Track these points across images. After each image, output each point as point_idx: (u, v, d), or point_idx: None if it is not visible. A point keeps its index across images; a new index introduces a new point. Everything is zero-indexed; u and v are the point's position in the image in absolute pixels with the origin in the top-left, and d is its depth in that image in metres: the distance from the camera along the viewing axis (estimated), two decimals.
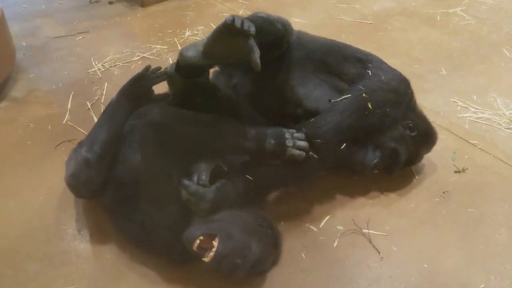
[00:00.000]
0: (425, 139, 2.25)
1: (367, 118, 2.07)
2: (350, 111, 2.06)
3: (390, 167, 2.20)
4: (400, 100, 2.16)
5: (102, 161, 1.91)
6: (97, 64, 3.18)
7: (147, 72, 2.08)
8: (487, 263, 1.94)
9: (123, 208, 1.88)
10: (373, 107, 2.06)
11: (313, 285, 1.84)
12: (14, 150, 2.45)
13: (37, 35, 3.57)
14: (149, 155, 1.87)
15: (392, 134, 2.15)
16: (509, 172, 2.38)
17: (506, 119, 2.74)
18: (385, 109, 2.09)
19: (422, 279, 1.87)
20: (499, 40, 3.60)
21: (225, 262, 1.64)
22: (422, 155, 2.29)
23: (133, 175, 1.88)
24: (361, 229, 2.06)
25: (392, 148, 2.14)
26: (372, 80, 2.15)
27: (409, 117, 2.20)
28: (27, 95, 2.89)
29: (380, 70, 2.20)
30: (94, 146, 1.92)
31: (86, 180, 1.89)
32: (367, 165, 2.12)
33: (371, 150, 2.13)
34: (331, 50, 2.29)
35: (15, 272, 1.87)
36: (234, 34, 1.79)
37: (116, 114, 2.03)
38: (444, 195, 2.25)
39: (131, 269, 1.88)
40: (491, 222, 2.12)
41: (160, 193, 1.83)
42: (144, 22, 3.79)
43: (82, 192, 1.97)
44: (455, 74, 3.17)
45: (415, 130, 2.17)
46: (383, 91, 2.12)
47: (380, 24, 3.80)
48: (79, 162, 1.91)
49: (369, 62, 2.23)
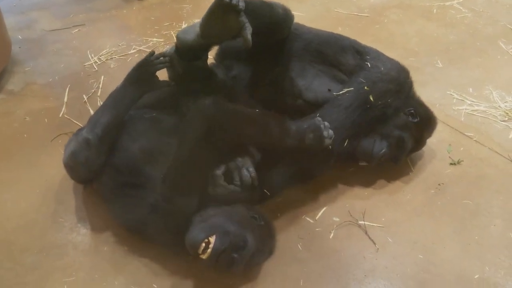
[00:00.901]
0: (427, 124, 2.26)
1: (370, 111, 2.08)
2: (354, 106, 2.08)
3: (396, 156, 2.21)
4: (400, 90, 2.18)
5: (102, 143, 1.91)
6: (93, 57, 3.18)
7: (151, 58, 2.09)
8: (482, 254, 1.96)
9: (123, 195, 1.88)
10: (374, 99, 2.08)
11: (309, 276, 1.85)
12: (11, 143, 2.45)
13: (33, 28, 3.56)
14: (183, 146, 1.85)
15: (396, 122, 2.17)
16: (504, 164, 2.39)
17: (501, 111, 2.75)
18: (386, 100, 2.11)
19: (417, 270, 1.89)
20: (495, 33, 3.60)
21: (223, 258, 1.64)
22: (425, 140, 2.30)
23: (133, 165, 1.89)
24: (357, 220, 2.07)
25: (398, 136, 2.16)
26: (372, 72, 2.16)
27: (410, 104, 2.22)
28: (23, 88, 2.89)
29: (378, 61, 2.21)
30: (96, 128, 1.93)
31: (85, 160, 1.90)
32: (375, 155, 2.13)
33: (378, 140, 2.15)
34: (328, 41, 2.30)
35: (13, 264, 1.87)
36: (225, 11, 1.81)
37: (121, 99, 2.04)
38: (439, 187, 2.26)
39: (128, 261, 1.89)
40: (486, 213, 2.13)
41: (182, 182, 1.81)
42: (140, 15, 3.77)
43: (80, 174, 1.97)
44: (451, 66, 3.17)
45: (417, 116, 2.19)
46: (383, 82, 2.13)
47: (377, 17, 3.79)
48: (80, 142, 1.92)
49: (367, 54, 2.25)
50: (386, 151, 2.14)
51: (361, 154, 2.16)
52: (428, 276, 1.87)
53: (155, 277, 1.83)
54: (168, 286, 1.81)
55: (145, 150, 1.93)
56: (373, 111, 2.09)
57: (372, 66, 2.18)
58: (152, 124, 2.04)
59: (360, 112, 2.08)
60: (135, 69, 2.10)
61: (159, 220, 1.79)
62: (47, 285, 1.81)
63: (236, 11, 1.80)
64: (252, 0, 1.99)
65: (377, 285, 1.83)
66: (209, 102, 1.84)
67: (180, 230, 1.76)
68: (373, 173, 2.28)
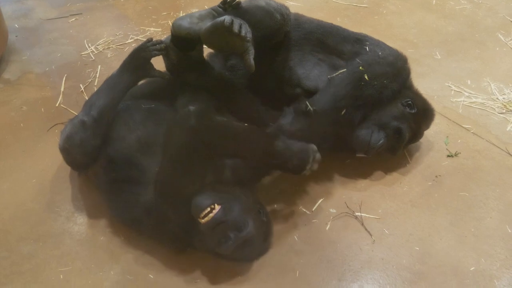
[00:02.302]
0: (424, 115, 2.25)
1: (364, 88, 2.07)
2: (346, 82, 2.08)
3: (394, 147, 2.21)
4: (397, 74, 2.17)
5: (98, 125, 1.92)
6: (90, 46, 3.16)
7: (147, 44, 2.09)
8: (478, 246, 1.96)
9: (119, 191, 1.88)
10: (369, 78, 2.07)
11: (306, 267, 1.86)
12: (7, 133, 2.44)
13: (29, 17, 3.54)
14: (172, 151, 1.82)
15: (393, 113, 2.15)
16: (502, 156, 2.39)
17: (499, 103, 2.75)
18: (382, 81, 2.10)
19: (413, 261, 1.89)
20: (494, 24, 3.59)
21: (218, 230, 1.66)
22: (423, 131, 2.29)
23: (129, 156, 1.89)
24: (354, 212, 2.07)
25: (395, 127, 2.15)
26: (369, 55, 2.17)
27: (407, 95, 2.21)
28: (20, 77, 2.88)
29: (377, 47, 2.21)
30: (91, 110, 1.94)
31: (81, 142, 1.90)
32: (372, 146, 2.11)
33: (375, 131, 2.13)
34: (330, 32, 2.29)
35: (9, 253, 1.88)
36: (232, 35, 1.85)
37: (116, 84, 2.05)
38: (436, 179, 2.26)
39: (124, 251, 1.89)
40: (483, 205, 2.13)
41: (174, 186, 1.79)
42: (137, 4, 3.75)
43: (75, 157, 1.95)
44: (450, 58, 3.17)
45: (415, 107, 2.18)
46: (380, 65, 2.13)
47: (376, 7, 3.78)
48: (75, 124, 1.92)
49: (366, 41, 2.25)
50: (384, 141, 2.13)
51: (358, 145, 2.15)
52: (424, 267, 1.87)
53: (151, 267, 1.83)
54: (164, 276, 1.81)
55: (141, 140, 1.92)
56: (368, 89, 2.08)
57: (370, 50, 2.19)
58: (150, 115, 2.03)
59: (353, 88, 2.07)
60: (131, 55, 2.11)
61: (154, 220, 1.79)
62: (43, 274, 1.81)
63: (243, 40, 1.86)
64: (255, 13, 2.02)
65: (373, 277, 1.84)
66: (192, 111, 1.82)
67: (176, 230, 1.77)
68: (370, 165, 2.28)
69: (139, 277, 1.80)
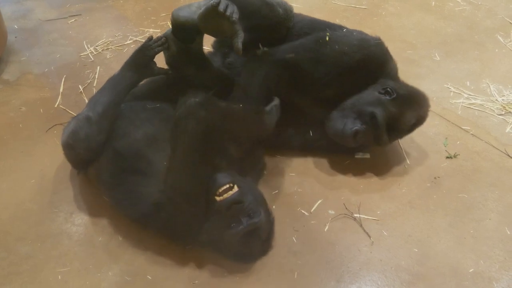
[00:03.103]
0: (409, 101, 2.16)
1: (322, 46, 2.08)
2: (306, 38, 2.14)
3: (376, 136, 2.14)
4: (364, 47, 2.13)
5: (102, 121, 1.93)
6: (89, 47, 3.16)
7: (149, 42, 2.10)
8: (477, 247, 1.96)
9: (125, 183, 1.87)
10: (330, 40, 2.09)
11: (304, 268, 1.85)
12: (6, 133, 2.43)
13: (29, 18, 3.54)
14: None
15: (368, 99, 2.12)
16: (501, 158, 2.39)
17: (498, 105, 2.75)
18: (343, 47, 2.09)
19: (412, 263, 1.89)
20: (494, 26, 3.60)
21: (232, 211, 1.70)
22: (409, 117, 2.16)
23: (136, 149, 1.90)
24: (352, 213, 2.07)
25: (369, 112, 2.10)
26: (343, 31, 2.21)
27: (386, 83, 2.16)
28: (19, 78, 2.87)
29: (356, 31, 2.23)
30: (96, 106, 1.96)
31: (85, 137, 1.90)
32: (346, 133, 2.09)
33: (350, 119, 2.10)
34: (317, 27, 2.29)
35: (7, 253, 1.87)
36: (219, 17, 1.86)
37: (119, 82, 2.07)
38: (435, 180, 2.26)
39: (123, 252, 1.89)
40: (482, 207, 2.13)
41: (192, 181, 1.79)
42: (137, 5, 3.75)
43: (79, 152, 1.94)
44: (449, 59, 3.17)
45: (394, 93, 2.11)
46: (349, 36, 2.14)
47: (375, 9, 3.78)
48: (80, 120, 1.94)
49: (341, 28, 2.28)
50: (359, 129, 2.09)
51: (332, 133, 2.15)
52: (422, 269, 1.87)
53: (150, 268, 1.83)
54: (162, 276, 1.81)
55: (148, 135, 1.94)
56: (325, 48, 2.08)
57: (347, 30, 2.24)
58: (155, 114, 2.06)
59: (313, 41, 2.11)
60: (135, 54, 2.12)
61: (164, 213, 1.78)
62: (41, 275, 1.80)
63: (232, 22, 1.87)
64: (254, 2, 2.03)
65: (371, 278, 1.83)
66: (199, 102, 1.82)
67: (186, 224, 1.77)
68: (369, 166, 2.28)
69: (137, 278, 1.80)
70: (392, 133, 2.16)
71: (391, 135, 2.16)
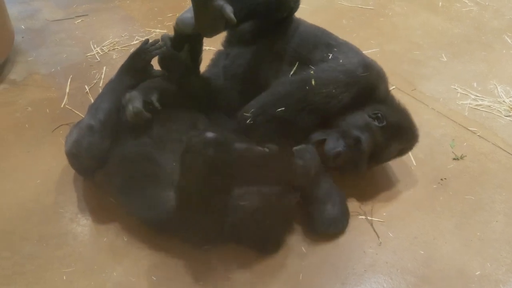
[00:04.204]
0: (397, 132, 2.07)
1: (309, 94, 1.97)
2: (289, 84, 2.03)
3: (355, 161, 2.05)
4: (353, 84, 2.00)
5: (105, 128, 1.93)
6: (96, 47, 3.17)
7: (146, 46, 2.09)
8: (483, 250, 1.95)
9: (138, 188, 1.85)
10: (316, 84, 1.97)
11: (309, 269, 1.84)
12: (12, 133, 2.44)
13: (36, 18, 3.55)
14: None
15: (356, 122, 2.02)
16: (508, 159, 2.37)
17: (506, 106, 2.73)
18: (330, 89, 1.97)
19: (418, 265, 1.88)
20: (501, 26, 3.58)
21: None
22: (393, 150, 2.10)
23: (144, 153, 1.89)
24: (358, 215, 2.06)
25: (354, 136, 2.00)
26: (329, 62, 2.08)
27: (378, 108, 2.06)
28: (26, 78, 2.88)
29: (342, 54, 2.11)
30: (97, 114, 1.95)
31: (88, 146, 1.90)
32: (327, 153, 1.97)
33: (334, 139, 2.01)
34: (306, 40, 2.21)
35: (11, 253, 1.87)
36: (203, 2, 1.83)
37: (117, 87, 2.06)
38: (442, 182, 2.24)
39: (128, 253, 1.88)
40: (489, 209, 2.12)
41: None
42: (143, 5, 3.76)
43: (83, 161, 1.94)
44: (456, 60, 3.15)
45: (384, 121, 2.02)
46: (334, 71, 2.01)
47: (381, 9, 3.77)
48: (82, 129, 1.93)
49: (334, 47, 2.15)
50: (341, 150, 1.98)
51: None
52: (428, 271, 1.86)
53: (154, 269, 1.83)
54: (167, 278, 1.80)
55: (155, 138, 1.94)
56: (313, 95, 1.97)
57: (333, 58, 2.10)
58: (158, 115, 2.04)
59: (298, 88, 1.98)
60: (130, 58, 2.11)
61: (180, 217, 1.77)
62: (46, 275, 1.80)
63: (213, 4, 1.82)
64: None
65: (377, 280, 1.82)
66: (210, 139, 1.67)
67: (203, 227, 1.76)
68: (374, 168, 2.26)
69: (142, 279, 1.80)
70: (372, 160, 2.09)
71: (370, 163, 2.09)
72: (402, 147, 2.14)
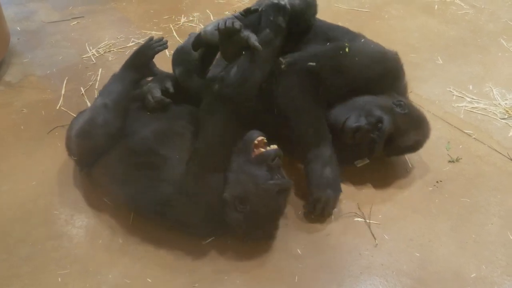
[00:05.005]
0: (416, 123, 2.15)
1: (342, 57, 2.09)
2: (326, 48, 2.16)
3: (373, 142, 2.07)
4: (382, 59, 2.17)
5: (118, 108, 1.98)
6: (91, 49, 3.16)
7: (150, 42, 2.13)
8: (479, 252, 1.95)
9: (139, 177, 1.87)
10: (350, 51, 2.10)
11: (305, 272, 1.84)
12: (7, 135, 2.44)
13: (32, 20, 3.54)
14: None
15: (380, 103, 2.09)
16: (503, 162, 2.38)
17: (501, 109, 2.74)
18: (362, 58, 2.11)
19: (413, 267, 1.88)
20: (497, 29, 3.59)
21: (275, 163, 1.84)
22: (410, 138, 2.14)
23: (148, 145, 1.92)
24: (354, 217, 2.06)
25: (378, 116, 2.05)
26: (362, 43, 2.25)
27: (400, 98, 2.15)
28: (21, 80, 2.88)
29: (373, 43, 2.27)
30: (111, 95, 2.01)
31: (104, 122, 1.93)
32: (347, 126, 2.03)
33: (355, 115, 2.05)
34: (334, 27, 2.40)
35: (7, 255, 1.87)
36: (229, 35, 1.96)
37: (123, 79, 2.10)
38: (437, 184, 2.25)
39: (123, 255, 1.88)
40: (484, 211, 2.12)
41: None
42: (139, 7, 3.76)
43: (98, 138, 1.93)
44: (452, 63, 3.16)
45: (406, 109, 2.10)
46: (368, 47, 2.20)
47: (377, 12, 3.78)
48: (97, 107, 1.98)
49: (364, 38, 2.33)
50: (363, 126, 2.02)
51: (333, 123, 2.09)
52: (424, 273, 1.86)
53: (149, 271, 1.82)
54: (162, 279, 1.80)
55: (158, 132, 1.96)
56: (345, 59, 2.10)
57: (365, 41, 2.29)
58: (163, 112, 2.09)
59: (332, 50, 2.14)
60: (134, 53, 2.15)
61: (185, 201, 1.80)
62: (41, 277, 1.80)
63: (236, 31, 1.94)
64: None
65: (372, 282, 1.82)
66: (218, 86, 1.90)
67: (210, 210, 1.81)
68: (370, 170, 2.26)
69: (137, 281, 1.79)
70: (388, 146, 2.11)
71: (386, 148, 2.12)
72: (418, 139, 2.18)
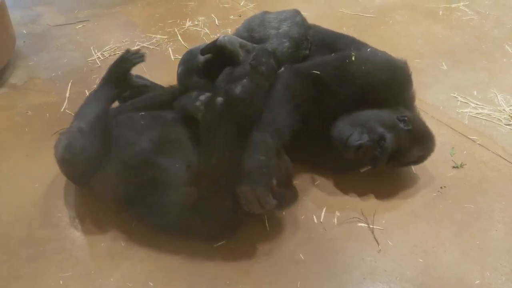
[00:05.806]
0: (420, 139, 2.12)
1: (347, 64, 2.07)
2: (332, 57, 2.15)
3: (376, 158, 2.06)
4: (390, 68, 2.13)
5: (95, 129, 1.89)
6: (96, 52, 3.17)
7: (126, 55, 2.11)
8: (483, 259, 1.94)
9: (145, 197, 1.85)
10: (356, 59, 2.07)
11: (307, 277, 1.83)
12: (11, 137, 2.44)
13: (37, 23, 3.56)
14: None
15: (383, 119, 2.05)
16: (508, 168, 2.37)
17: (506, 115, 2.73)
18: (368, 67, 2.07)
19: (417, 273, 1.87)
20: (502, 35, 3.58)
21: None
22: (413, 154, 2.13)
23: (145, 158, 1.88)
24: (357, 222, 2.05)
25: (380, 133, 2.02)
26: (368, 51, 2.23)
27: (404, 113, 2.12)
28: (26, 82, 2.89)
29: (380, 51, 2.24)
30: (85, 118, 1.93)
31: (81, 148, 1.83)
32: (350, 144, 2.00)
33: (358, 131, 2.02)
34: (338, 37, 2.39)
35: (8, 257, 1.87)
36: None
37: (101, 96, 2.07)
38: (441, 190, 2.24)
39: (125, 258, 1.88)
40: (488, 217, 2.11)
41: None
42: (144, 11, 3.77)
43: (77, 166, 1.88)
44: (456, 69, 3.15)
45: (410, 125, 2.07)
46: (374, 58, 2.16)
47: (382, 17, 3.78)
48: (73, 132, 1.90)
49: (369, 47, 2.29)
50: (363, 143, 1.99)
51: (335, 139, 2.07)
52: (427, 280, 1.85)
53: (151, 274, 1.82)
54: (163, 283, 1.79)
55: (154, 140, 1.92)
56: (351, 66, 2.07)
57: (371, 50, 2.25)
58: (155, 119, 2.04)
59: (338, 59, 2.11)
60: (111, 68, 2.13)
61: (199, 221, 1.79)
62: (42, 279, 1.80)
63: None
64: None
65: None
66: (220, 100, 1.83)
67: (224, 219, 1.81)
68: (374, 176, 2.25)
69: (139, 284, 1.79)
70: (391, 161, 2.10)
71: (389, 163, 2.11)
72: (421, 154, 2.17)
